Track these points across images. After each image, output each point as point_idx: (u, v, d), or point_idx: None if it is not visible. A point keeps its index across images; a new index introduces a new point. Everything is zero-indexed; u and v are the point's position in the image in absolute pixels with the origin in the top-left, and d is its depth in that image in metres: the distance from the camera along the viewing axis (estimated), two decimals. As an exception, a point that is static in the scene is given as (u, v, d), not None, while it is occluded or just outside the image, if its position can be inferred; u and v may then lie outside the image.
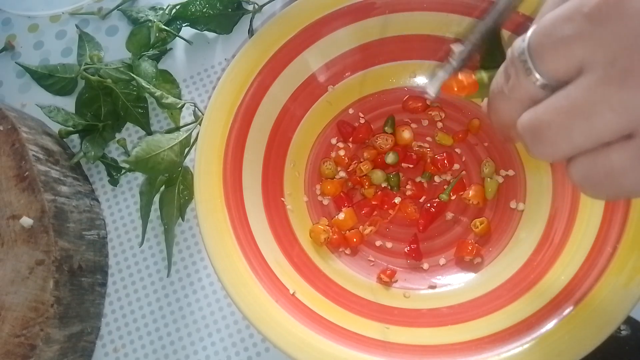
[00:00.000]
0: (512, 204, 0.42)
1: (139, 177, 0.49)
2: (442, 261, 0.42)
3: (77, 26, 0.55)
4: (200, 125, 0.41)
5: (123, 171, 0.48)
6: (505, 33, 0.41)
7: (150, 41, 0.51)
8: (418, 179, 0.44)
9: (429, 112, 0.45)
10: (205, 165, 0.39)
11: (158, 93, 0.45)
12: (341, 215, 0.42)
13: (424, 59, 0.45)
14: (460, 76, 0.31)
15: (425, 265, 0.41)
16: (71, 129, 0.49)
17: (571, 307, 0.33)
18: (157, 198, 0.46)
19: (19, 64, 0.52)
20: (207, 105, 0.41)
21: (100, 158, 0.49)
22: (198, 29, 0.52)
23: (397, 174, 0.44)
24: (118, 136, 0.51)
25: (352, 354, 0.34)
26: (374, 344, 0.35)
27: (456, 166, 0.44)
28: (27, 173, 0.42)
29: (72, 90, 0.52)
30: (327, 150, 0.46)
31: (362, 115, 0.46)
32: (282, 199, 0.43)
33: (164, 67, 0.52)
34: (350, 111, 0.46)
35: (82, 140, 0.49)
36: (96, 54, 0.52)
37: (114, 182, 0.48)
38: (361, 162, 0.44)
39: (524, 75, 0.23)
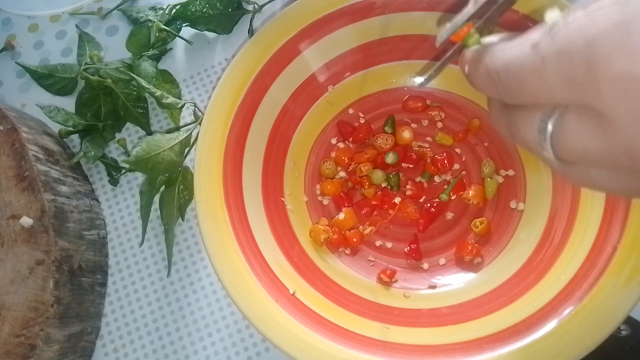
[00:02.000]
0: (512, 204, 0.42)
1: (139, 177, 0.49)
2: (442, 261, 0.42)
3: (77, 26, 0.55)
4: (200, 125, 0.41)
5: (123, 171, 0.48)
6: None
7: (150, 41, 0.51)
8: (418, 179, 0.44)
9: (429, 112, 0.45)
10: (205, 165, 0.39)
11: (158, 93, 0.45)
12: (341, 215, 0.42)
13: (424, 59, 0.45)
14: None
15: (425, 265, 0.41)
16: (71, 129, 0.49)
17: (571, 307, 0.33)
18: (157, 198, 0.46)
19: (19, 64, 0.52)
20: (207, 105, 0.41)
21: (100, 158, 0.49)
22: (198, 29, 0.52)
23: (397, 174, 0.44)
24: (118, 136, 0.51)
25: (352, 354, 0.34)
26: (374, 344, 0.35)
27: (456, 166, 0.44)
28: (27, 173, 0.42)
29: (72, 90, 0.52)
30: (327, 150, 0.46)
31: (362, 115, 0.46)
32: (282, 199, 0.43)
33: (164, 67, 0.52)
34: (350, 111, 0.46)
35: (82, 140, 0.49)
36: (96, 54, 0.52)
37: (113, 182, 0.49)
38: (361, 162, 0.44)
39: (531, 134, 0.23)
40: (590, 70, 0.19)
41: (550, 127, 0.21)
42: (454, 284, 0.40)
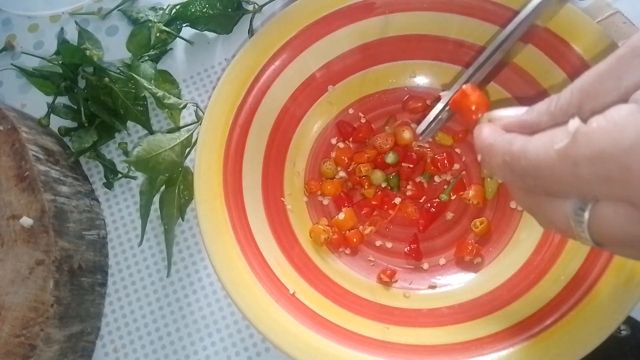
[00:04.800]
0: (512, 204, 0.42)
1: (139, 178, 0.49)
2: (442, 261, 0.42)
3: (76, 22, 0.55)
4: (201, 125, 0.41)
5: (119, 175, 0.48)
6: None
7: (150, 41, 0.51)
8: (418, 179, 0.44)
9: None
10: (205, 165, 0.39)
11: (160, 94, 0.45)
12: (341, 215, 0.42)
13: (424, 59, 0.45)
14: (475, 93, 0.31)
15: (425, 265, 0.41)
16: (71, 126, 0.49)
17: (571, 307, 0.33)
18: (157, 198, 0.46)
19: (15, 65, 0.51)
20: (207, 105, 0.41)
21: (100, 159, 0.49)
22: (198, 29, 0.52)
23: (397, 174, 0.44)
24: (119, 137, 0.51)
25: (352, 354, 0.34)
26: (374, 344, 0.35)
27: (456, 166, 0.44)
28: (27, 173, 0.42)
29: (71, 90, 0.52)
30: (327, 150, 0.46)
31: (362, 115, 0.46)
32: (282, 199, 0.43)
33: (164, 67, 0.52)
34: (350, 111, 0.46)
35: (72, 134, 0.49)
36: (96, 54, 0.52)
37: (108, 185, 0.48)
38: (361, 162, 0.44)
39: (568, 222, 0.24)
40: (626, 174, 0.20)
41: (586, 216, 0.23)
42: (454, 284, 0.40)
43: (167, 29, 0.50)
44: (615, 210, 0.22)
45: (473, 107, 0.31)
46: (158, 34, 0.50)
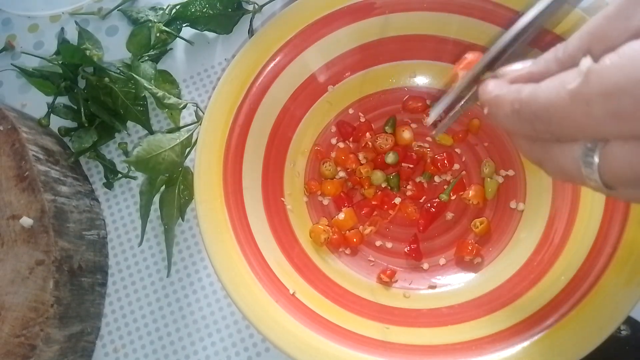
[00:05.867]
0: (512, 204, 0.42)
1: (139, 178, 0.49)
2: (442, 261, 0.42)
3: (76, 22, 0.55)
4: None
5: (119, 175, 0.48)
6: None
7: (150, 42, 0.51)
8: (418, 179, 0.44)
9: (429, 112, 0.45)
10: (205, 165, 0.39)
11: (160, 94, 0.45)
12: (341, 215, 0.42)
13: (424, 59, 0.45)
14: None
15: (425, 265, 0.41)
16: (71, 126, 0.49)
17: (571, 307, 0.33)
18: (157, 198, 0.46)
19: (15, 65, 0.51)
20: (207, 105, 0.41)
21: (96, 157, 0.49)
22: (198, 29, 0.52)
23: (397, 174, 0.44)
24: (119, 137, 0.51)
25: (352, 354, 0.34)
26: (374, 344, 0.35)
27: (456, 166, 0.44)
28: (27, 173, 0.42)
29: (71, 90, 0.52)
30: (327, 150, 0.46)
31: (362, 115, 0.46)
32: (282, 199, 0.43)
33: (164, 67, 0.52)
34: (350, 111, 0.46)
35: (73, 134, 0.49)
36: (96, 54, 0.52)
37: (108, 185, 0.48)
38: (362, 164, 0.44)
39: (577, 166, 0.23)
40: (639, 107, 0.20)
41: (596, 157, 0.22)
42: (454, 284, 0.40)
43: (167, 29, 0.50)
44: (626, 148, 0.21)
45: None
46: (158, 34, 0.50)
